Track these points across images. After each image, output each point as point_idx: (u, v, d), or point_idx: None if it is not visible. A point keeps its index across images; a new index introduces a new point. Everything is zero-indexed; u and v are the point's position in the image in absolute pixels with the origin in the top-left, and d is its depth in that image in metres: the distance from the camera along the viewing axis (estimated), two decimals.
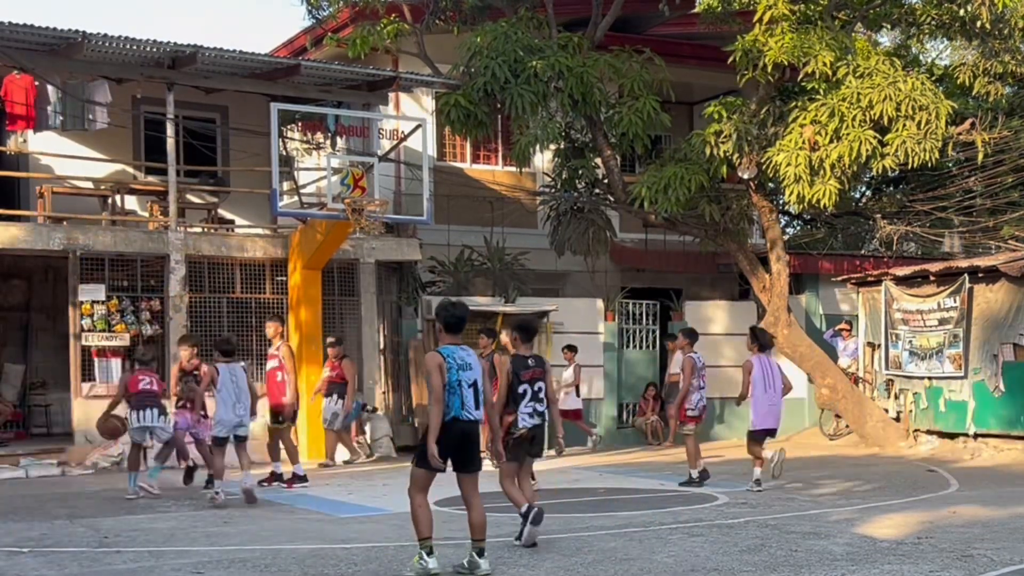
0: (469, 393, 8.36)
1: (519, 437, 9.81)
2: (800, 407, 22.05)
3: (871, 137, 16.48)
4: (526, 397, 9.84)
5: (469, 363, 8.43)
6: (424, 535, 8.30)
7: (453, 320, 8.53)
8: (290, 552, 9.34)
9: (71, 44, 16.51)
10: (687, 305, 21.92)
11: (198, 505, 12.56)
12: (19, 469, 15.83)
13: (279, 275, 18.31)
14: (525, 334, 10.15)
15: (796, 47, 16.75)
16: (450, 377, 8.29)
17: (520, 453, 9.91)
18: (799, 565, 8.52)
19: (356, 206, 16.31)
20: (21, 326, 19.88)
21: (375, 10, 19.74)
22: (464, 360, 8.41)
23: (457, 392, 8.30)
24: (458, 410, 8.31)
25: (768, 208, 18.99)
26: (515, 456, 9.83)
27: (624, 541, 9.75)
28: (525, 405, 9.83)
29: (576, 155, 19.92)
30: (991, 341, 17.67)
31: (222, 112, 20.49)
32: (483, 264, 21.03)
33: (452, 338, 8.54)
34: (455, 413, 8.30)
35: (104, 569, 8.73)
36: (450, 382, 8.29)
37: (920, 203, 22.05)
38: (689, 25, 22.46)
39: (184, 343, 14.69)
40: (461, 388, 8.32)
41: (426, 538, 8.29)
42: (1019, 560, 8.67)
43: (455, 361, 8.35)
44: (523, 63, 17.69)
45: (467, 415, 8.35)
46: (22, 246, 16.80)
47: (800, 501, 12.44)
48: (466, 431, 8.39)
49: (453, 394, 8.30)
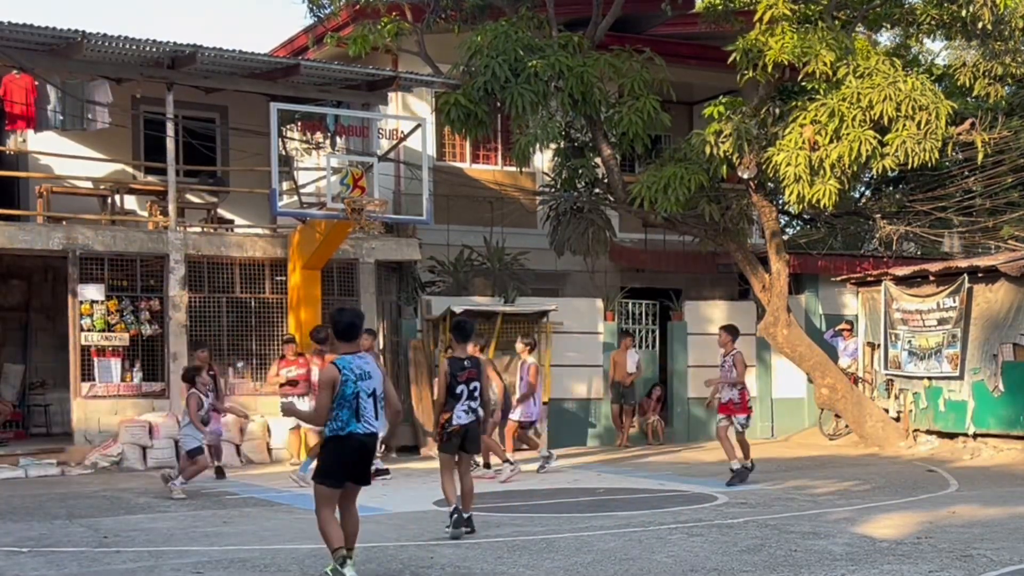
0: (368, 404, 8.01)
1: (451, 432, 10.20)
2: (800, 407, 22.07)
3: (871, 137, 16.48)
4: (463, 396, 10.20)
5: (368, 371, 8.06)
6: (335, 546, 7.92)
7: (343, 327, 8.15)
8: (289, 552, 9.34)
9: (71, 44, 16.51)
10: (687, 305, 21.92)
11: (198, 505, 12.55)
12: (18, 469, 15.83)
13: (279, 275, 18.31)
14: (460, 335, 10.47)
15: (796, 47, 16.74)
16: (345, 390, 7.91)
17: (452, 447, 10.27)
18: (798, 565, 8.52)
19: (356, 206, 16.31)
20: (21, 326, 19.88)
21: (376, 9, 19.75)
22: (363, 369, 8.04)
23: (351, 405, 7.93)
24: (353, 424, 7.95)
25: (768, 208, 18.98)
26: (448, 449, 10.26)
27: (624, 541, 9.75)
28: (461, 404, 10.20)
29: (576, 155, 19.92)
30: (991, 341, 17.66)
31: (222, 112, 20.50)
32: (483, 264, 21.02)
33: (347, 347, 8.18)
34: (351, 428, 7.94)
35: (103, 569, 8.73)
36: (345, 395, 7.91)
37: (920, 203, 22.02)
38: (689, 25, 22.46)
39: (202, 348, 15.44)
40: (359, 400, 7.95)
41: (338, 548, 7.91)
42: (1019, 560, 8.66)
43: (352, 372, 7.97)
44: (523, 62, 17.69)
45: (364, 427, 7.99)
46: (22, 246, 16.80)
47: (800, 501, 12.44)
48: (363, 443, 8.03)
49: (346, 407, 7.93)
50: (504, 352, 19.18)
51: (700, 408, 21.53)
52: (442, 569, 8.49)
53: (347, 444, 7.98)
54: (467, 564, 8.68)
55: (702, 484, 14.19)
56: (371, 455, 8.23)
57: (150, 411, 16.94)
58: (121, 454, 16.40)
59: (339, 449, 8.00)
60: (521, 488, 13.97)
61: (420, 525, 10.82)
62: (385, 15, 19.69)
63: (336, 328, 8.23)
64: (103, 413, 16.82)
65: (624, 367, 19.91)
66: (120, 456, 16.38)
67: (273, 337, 18.04)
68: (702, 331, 21.76)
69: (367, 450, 8.11)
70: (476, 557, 8.95)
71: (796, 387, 21.94)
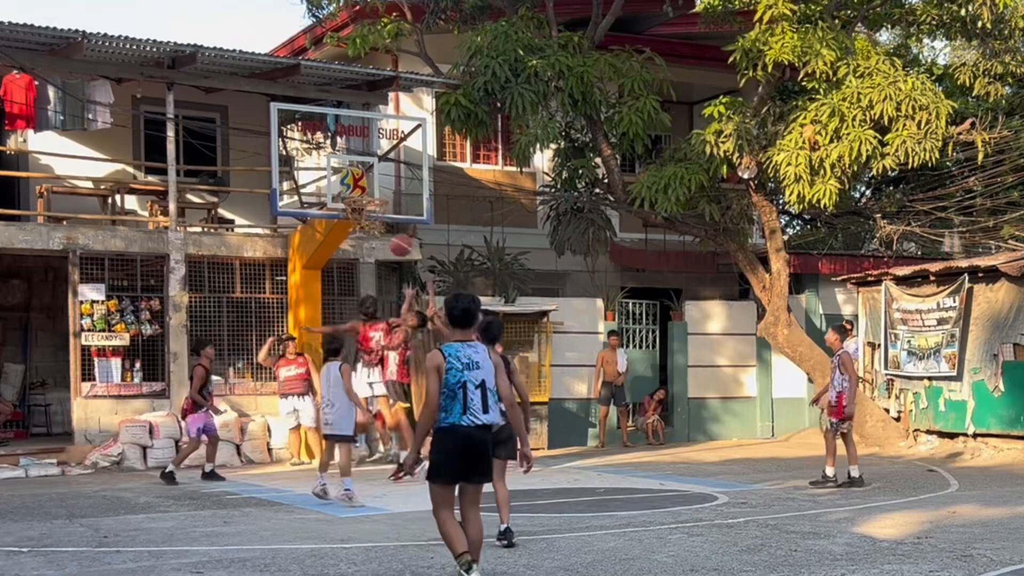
0: (476, 395, 7.55)
1: None
2: (800, 407, 22.08)
3: (871, 137, 16.48)
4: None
5: (477, 361, 7.60)
6: (459, 550, 7.52)
7: (459, 313, 7.74)
8: (289, 552, 9.34)
9: (71, 44, 16.52)
10: (687, 305, 21.93)
11: (198, 505, 12.55)
12: (19, 469, 15.83)
13: (279, 275, 18.32)
14: (487, 336, 8.93)
15: (797, 47, 16.75)
16: (449, 378, 7.50)
17: None
18: (799, 565, 8.52)
19: (356, 206, 16.31)
20: (21, 326, 19.89)
21: (375, 9, 19.75)
22: (471, 359, 7.59)
23: (456, 395, 7.52)
24: (458, 416, 7.51)
25: (768, 208, 18.99)
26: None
27: (624, 541, 9.75)
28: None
29: (576, 155, 19.93)
30: (991, 341, 17.66)
31: (222, 112, 20.50)
32: (483, 264, 21.03)
33: (460, 334, 7.75)
34: (453, 419, 7.51)
35: (104, 569, 8.73)
36: (448, 383, 7.50)
37: (920, 203, 22.04)
38: (689, 25, 22.45)
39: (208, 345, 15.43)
40: (465, 390, 7.52)
41: (462, 553, 7.50)
42: (1019, 560, 8.66)
43: (458, 360, 7.55)
44: (523, 62, 17.70)
45: (471, 420, 7.52)
46: (22, 246, 16.81)
47: (800, 501, 12.44)
48: (470, 436, 7.52)
49: (453, 398, 7.53)
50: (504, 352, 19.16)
51: (700, 408, 21.58)
52: (442, 569, 8.48)
53: (451, 437, 7.51)
54: None
55: (702, 484, 14.20)
56: (482, 451, 7.64)
57: (150, 411, 16.95)
58: (121, 454, 16.41)
59: (443, 442, 7.55)
60: (522, 488, 13.96)
61: (421, 525, 10.81)
62: (384, 15, 19.69)
63: (451, 315, 7.77)
64: (103, 413, 16.83)
65: (614, 366, 19.92)
66: (120, 456, 16.39)
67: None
68: (702, 331, 21.80)
69: (476, 444, 7.56)
70: None
71: (796, 387, 21.95)
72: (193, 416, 14.89)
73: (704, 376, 21.69)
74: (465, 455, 7.56)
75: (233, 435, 17.00)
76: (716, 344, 21.88)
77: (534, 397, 17.68)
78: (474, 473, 7.64)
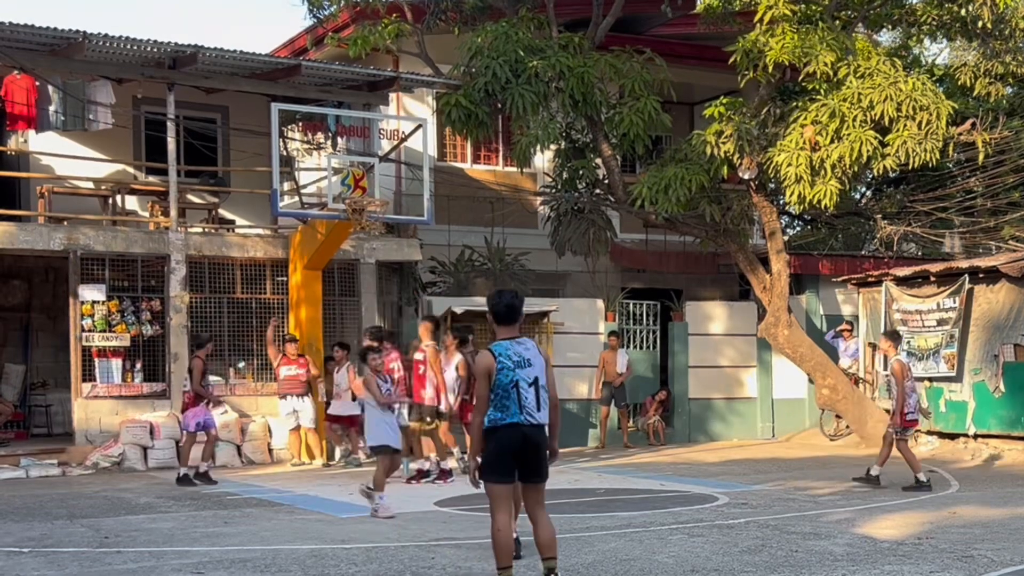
0: (529, 393, 7.36)
1: None
2: (800, 407, 22.09)
3: (872, 137, 16.48)
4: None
5: (528, 359, 7.40)
6: (502, 564, 7.33)
7: (502, 309, 7.51)
8: (290, 552, 9.34)
9: (72, 44, 16.52)
10: (687, 305, 21.93)
11: (198, 506, 12.56)
12: (19, 469, 15.84)
13: (280, 275, 18.32)
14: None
15: (797, 47, 16.75)
16: (501, 378, 7.31)
17: None
18: (799, 565, 8.52)
19: (356, 206, 16.31)
20: (22, 326, 19.89)
21: (376, 10, 19.75)
22: (522, 356, 7.39)
23: (510, 394, 7.32)
24: (515, 415, 7.32)
25: (768, 208, 18.98)
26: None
27: (625, 541, 9.75)
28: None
29: (577, 155, 19.92)
30: (992, 341, 17.66)
31: (223, 112, 20.50)
32: (484, 264, 21.03)
33: (507, 331, 7.52)
34: (511, 419, 7.29)
35: (104, 569, 8.73)
36: (501, 383, 7.31)
37: (920, 203, 22.04)
38: (690, 26, 22.46)
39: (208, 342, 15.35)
40: (518, 389, 7.33)
41: (505, 568, 7.32)
42: (1019, 560, 8.66)
43: (509, 359, 7.35)
44: (524, 63, 17.69)
45: (527, 419, 7.34)
46: (22, 246, 16.81)
47: (800, 501, 12.44)
48: (526, 436, 7.33)
49: (507, 397, 7.31)
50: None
51: (701, 408, 21.58)
52: (443, 569, 8.49)
53: (506, 436, 7.30)
54: (467, 564, 8.68)
55: (703, 485, 14.19)
56: (539, 449, 7.44)
57: (151, 411, 16.95)
58: (122, 454, 16.41)
59: (497, 442, 7.33)
60: None
61: (421, 525, 10.82)
62: (385, 16, 19.69)
63: (495, 312, 7.55)
64: (104, 413, 16.83)
65: (614, 366, 19.92)
66: (121, 456, 16.39)
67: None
68: (703, 331, 21.79)
69: (532, 443, 7.36)
70: (476, 557, 8.95)
71: (797, 387, 21.95)
72: (193, 410, 14.79)
73: (705, 377, 21.69)
74: (522, 455, 7.35)
75: (234, 435, 17.00)
76: (717, 345, 21.88)
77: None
78: (533, 473, 7.44)
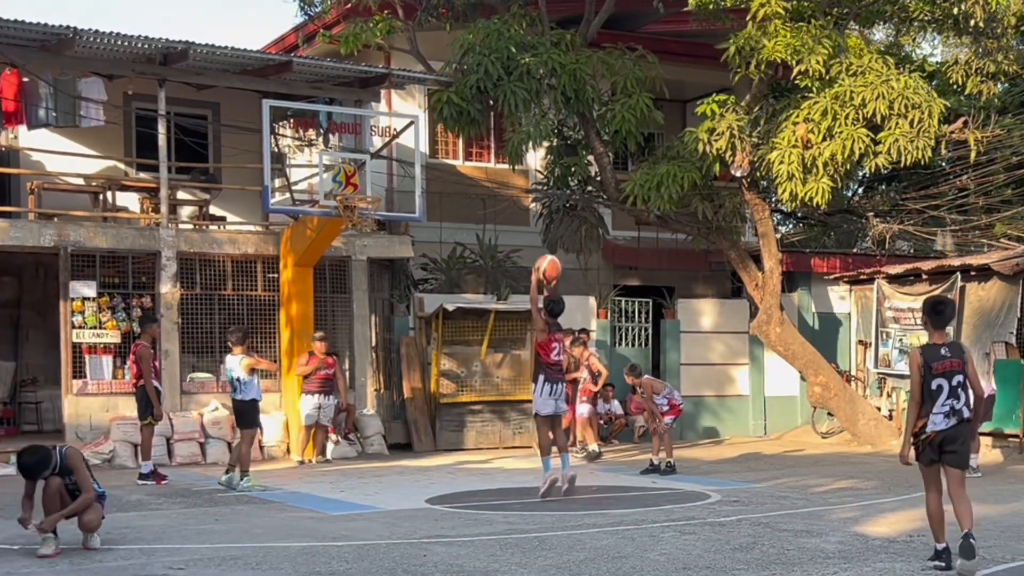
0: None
1: (926, 440, 8.41)
2: (792, 405, 22.12)
3: (864, 135, 16.48)
4: (943, 393, 8.33)
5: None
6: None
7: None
8: (281, 550, 9.31)
9: (62, 40, 16.46)
10: (680, 303, 21.94)
11: (189, 503, 12.52)
12: (9, 466, 15.75)
13: (271, 272, 18.27)
14: (937, 319, 8.51)
15: (790, 45, 16.75)
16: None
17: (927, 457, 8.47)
18: (791, 563, 8.51)
19: (348, 203, 16.27)
20: (12, 323, 19.82)
21: (367, 7, 19.70)
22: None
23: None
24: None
25: (761, 206, 18.99)
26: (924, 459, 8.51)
27: (617, 539, 9.74)
28: (940, 404, 8.32)
29: (569, 152, 19.90)
30: (983, 339, 17.68)
31: (214, 109, 20.45)
32: (475, 261, 21.01)
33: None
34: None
35: (95, 567, 8.70)
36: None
37: (912, 201, 22.07)
38: (682, 23, 22.47)
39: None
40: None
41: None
42: (1011, 557, 8.68)
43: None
44: (516, 60, 17.66)
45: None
46: (13, 243, 16.73)
47: (792, 499, 12.44)
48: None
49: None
50: (496, 350, 19.17)
51: (693, 406, 21.57)
52: (435, 567, 8.46)
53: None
54: (459, 562, 8.65)
55: (695, 482, 14.20)
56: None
57: None
58: (113, 451, 16.35)
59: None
60: (514, 486, 13.97)
61: (412, 523, 10.80)
62: (377, 13, 19.65)
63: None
64: (95, 410, 16.77)
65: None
66: (112, 453, 16.33)
67: (265, 334, 18.00)
68: (695, 329, 21.81)
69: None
70: (468, 555, 8.93)
71: (789, 385, 21.98)
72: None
73: (697, 374, 21.70)
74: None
75: (224, 432, 16.95)
76: (709, 342, 21.89)
77: (525, 395, 17.67)
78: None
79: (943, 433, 8.25)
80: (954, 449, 8.28)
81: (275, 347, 17.89)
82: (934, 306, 8.52)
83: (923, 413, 8.32)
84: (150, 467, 14.43)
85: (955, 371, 8.27)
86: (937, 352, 8.34)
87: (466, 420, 19.08)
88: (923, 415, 8.31)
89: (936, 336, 8.46)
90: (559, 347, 13.09)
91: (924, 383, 8.30)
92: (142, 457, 14.80)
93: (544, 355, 12.99)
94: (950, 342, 8.50)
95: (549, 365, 12.93)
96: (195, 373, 17.66)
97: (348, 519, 11.22)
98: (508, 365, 19.27)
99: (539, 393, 12.93)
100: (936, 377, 8.27)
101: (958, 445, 8.29)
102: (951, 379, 8.26)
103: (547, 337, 12.92)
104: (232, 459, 13.86)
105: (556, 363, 13.05)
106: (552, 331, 12.98)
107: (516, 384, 18.97)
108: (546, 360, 12.96)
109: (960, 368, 8.29)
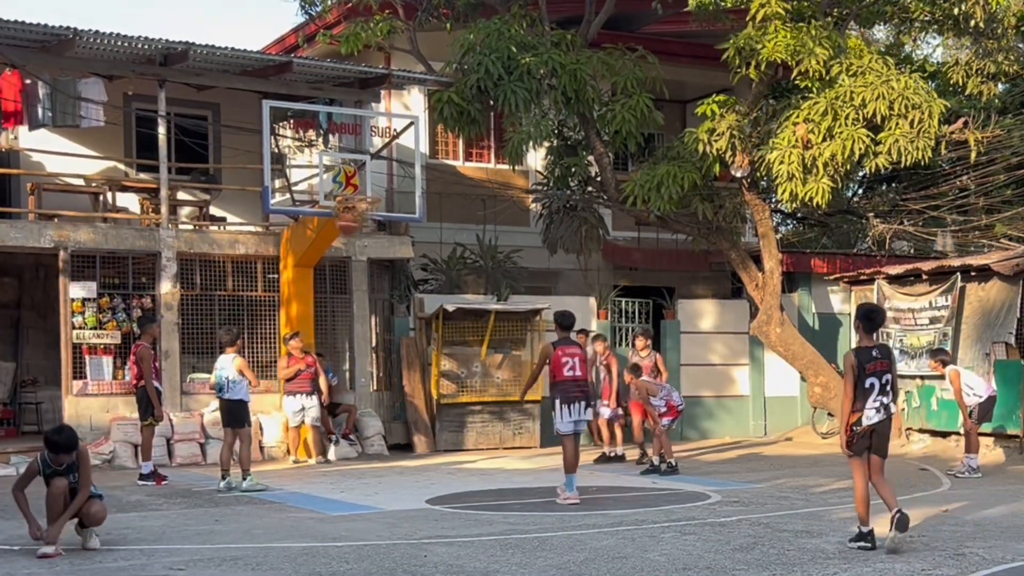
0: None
1: (859, 433, 9.25)
2: (793, 405, 22.10)
3: (864, 135, 16.47)
4: (874, 391, 9.17)
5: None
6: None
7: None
8: (281, 550, 9.31)
9: (62, 41, 16.47)
10: (680, 303, 21.94)
11: (189, 503, 12.53)
12: (10, 467, 15.75)
13: (271, 272, 18.28)
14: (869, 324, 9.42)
15: (790, 45, 16.73)
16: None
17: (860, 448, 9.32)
18: (791, 563, 8.51)
19: (348, 203, 16.27)
20: (12, 324, 19.81)
21: (368, 7, 19.70)
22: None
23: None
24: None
25: (761, 206, 18.98)
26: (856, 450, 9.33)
27: (617, 539, 9.74)
28: (872, 400, 9.19)
29: (569, 153, 19.89)
30: (983, 340, 17.67)
31: (214, 109, 20.44)
32: (475, 262, 21.01)
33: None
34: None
35: (95, 567, 8.69)
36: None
37: (913, 202, 22.06)
38: (682, 23, 22.44)
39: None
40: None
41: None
42: (1011, 558, 8.67)
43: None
44: (516, 60, 17.66)
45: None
46: (13, 243, 16.74)
47: (792, 499, 12.44)
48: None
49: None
50: (496, 350, 19.18)
51: (693, 406, 21.56)
52: (435, 567, 8.46)
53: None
54: (459, 563, 8.65)
55: (695, 482, 14.19)
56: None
57: None
58: (113, 452, 16.36)
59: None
60: (514, 486, 13.97)
61: (413, 523, 10.80)
62: (377, 13, 19.64)
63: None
64: (95, 411, 16.78)
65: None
66: (112, 454, 16.34)
67: (265, 334, 18.01)
68: (695, 329, 21.81)
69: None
70: (468, 555, 8.93)
71: (789, 385, 21.97)
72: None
73: (697, 374, 21.69)
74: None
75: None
76: (709, 342, 21.88)
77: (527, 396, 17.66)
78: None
79: (874, 426, 9.21)
80: (881, 440, 9.34)
81: (275, 348, 17.90)
82: (867, 313, 9.55)
83: (856, 408, 9.16)
84: (150, 468, 14.43)
85: (884, 371, 9.23)
86: (869, 354, 9.24)
87: (466, 420, 19.08)
88: (856, 410, 9.17)
89: (866, 340, 9.38)
90: (571, 361, 12.51)
91: (858, 382, 9.15)
92: (142, 458, 14.80)
93: (557, 374, 12.50)
94: (879, 344, 9.48)
95: (563, 382, 12.47)
96: (195, 374, 17.66)
97: (348, 519, 11.22)
98: (508, 365, 19.28)
99: (558, 417, 12.48)
100: (869, 376, 9.16)
101: (884, 437, 9.36)
102: (881, 378, 9.21)
103: (556, 352, 12.46)
104: (224, 464, 13.73)
105: (572, 379, 12.49)
106: (559, 345, 12.55)
107: (516, 384, 18.96)
108: (560, 378, 12.49)
109: (888, 368, 9.26)
